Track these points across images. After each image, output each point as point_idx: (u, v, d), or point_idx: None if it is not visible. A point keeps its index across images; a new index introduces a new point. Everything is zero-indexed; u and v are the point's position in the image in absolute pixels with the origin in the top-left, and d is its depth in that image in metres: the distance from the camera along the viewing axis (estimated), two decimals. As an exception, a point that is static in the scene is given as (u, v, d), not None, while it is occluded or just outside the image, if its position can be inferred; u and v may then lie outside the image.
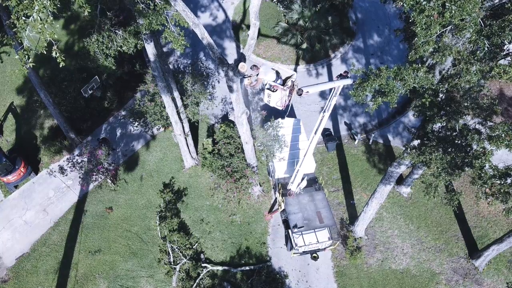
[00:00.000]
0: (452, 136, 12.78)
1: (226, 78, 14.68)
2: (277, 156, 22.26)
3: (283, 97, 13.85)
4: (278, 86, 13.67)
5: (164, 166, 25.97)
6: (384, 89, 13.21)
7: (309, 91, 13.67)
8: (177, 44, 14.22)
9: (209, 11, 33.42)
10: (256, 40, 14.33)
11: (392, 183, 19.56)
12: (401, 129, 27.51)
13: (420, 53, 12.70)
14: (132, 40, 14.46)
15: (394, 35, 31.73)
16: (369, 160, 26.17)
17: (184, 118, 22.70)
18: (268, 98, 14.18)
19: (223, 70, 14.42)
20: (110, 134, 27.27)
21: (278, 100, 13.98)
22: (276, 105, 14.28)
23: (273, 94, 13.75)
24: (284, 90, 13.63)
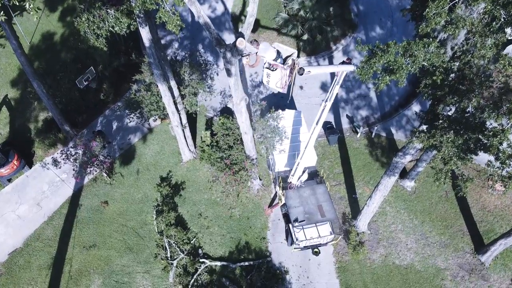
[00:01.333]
0: (465, 118, 11.99)
1: (224, 60, 13.89)
2: (277, 148, 21.47)
3: (284, 76, 13.04)
4: (278, 64, 12.86)
5: (161, 160, 25.19)
6: (392, 66, 12.41)
7: (311, 71, 12.90)
8: (172, 24, 13.41)
9: (208, 3, 32.64)
10: (255, 18, 13.43)
11: (397, 174, 18.77)
12: (404, 122, 26.73)
13: (432, 26, 11.92)
14: (125, 20, 13.66)
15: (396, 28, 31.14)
16: (372, 154, 25.38)
17: (181, 109, 21.92)
18: (267, 78, 13.37)
19: (221, 51, 13.62)
20: (106, 127, 26.48)
21: (278, 80, 13.18)
22: (276, 86, 13.49)
23: (273, 73, 12.94)
24: (284, 69, 12.83)
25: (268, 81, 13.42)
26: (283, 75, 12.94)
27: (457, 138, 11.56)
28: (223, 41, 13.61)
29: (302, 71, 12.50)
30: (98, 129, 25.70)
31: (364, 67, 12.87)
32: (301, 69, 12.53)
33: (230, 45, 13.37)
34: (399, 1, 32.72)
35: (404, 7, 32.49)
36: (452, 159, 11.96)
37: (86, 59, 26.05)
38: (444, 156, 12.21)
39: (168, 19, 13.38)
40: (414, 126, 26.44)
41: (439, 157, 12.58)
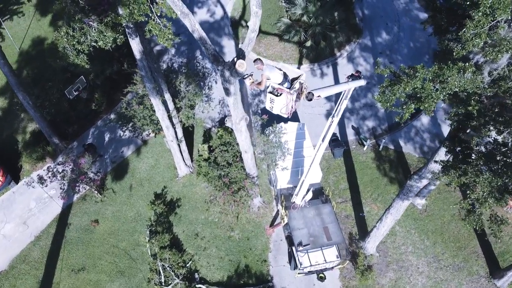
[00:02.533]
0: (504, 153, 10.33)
1: (222, 79, 12.23)
2: (279, 165, 19.80)
3: (289, 102, 11.40)
4: (283, 89, 11.23)
5: (155, 174, 23.49)
6: (420, 93, 10.72)
7: (321, 95, 11.22)
8: (163, 38, 11.77)
9: (206, 6, 30.94)
10: (257, 33, 11.82)
11: (411, 198, 17.08)
12: (413, 134, 25.05)
13: (469, 48, 10.24)
14: (109, 34, 12.01)
15: (403, 33, 29.45)
16: (380, 168, 23.70)
17: (176, 123, 20.23)
18: (270, 104, 11.70)
19: (218, 69, 11.95)
20: (98, 139, 24.78)
21: (283, 107, 11.52)
22: (281, 113, 11.84)
23: (277, 99, 11.30)
24: (290, 94, 11.19)
25: (272, 107, 11.75)
26: (289, 100, 11.31)
27: (496, 179, 9.90)
28: (221, 57, 11.93)
29: (311, 97, 10.85)
30: (88, 142, 23.99)
31: (385, 93, 11.15)
32: (310, 94, 10.87)
33: (229, 63, 11.70)
34: (405, 5, 31.05)
35: (411, 11, 31.04)
36: (488, 200, 10.31)
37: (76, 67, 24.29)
38: (478, 197, 10.55)
39: (159, 32, 11.73)
40: (423, 139, 24.83)
41: (472, 197, 10.90)
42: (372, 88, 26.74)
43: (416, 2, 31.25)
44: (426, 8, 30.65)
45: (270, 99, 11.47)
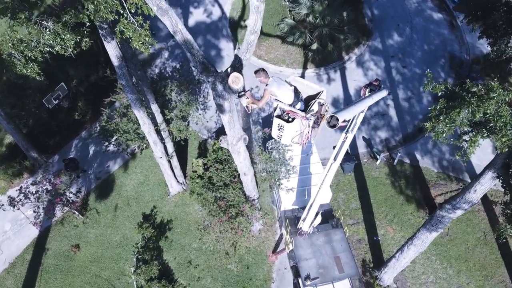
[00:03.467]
0: None
1: (214, 93, 9.56)
2: (283, 187, 17.13)
3: (304, 129, 8.66)
4: (296, 112, 8.50)
5: (144, 192, 20.80)
6: (493, 121, 8.02)
7: (346, 119, 8.55)
8: (138, 41, 9.11)
9: (203, 6, 28.28)
10: (258, 35, 9.08)
11: (440, 229, 14.32)
12: (430, 146, 22.35)
13: None
14: (68, 37, 9.36)
15: (416, 35, 26.78)
16: (395, 185, 21.01)
17: (166, 137, 17.56)
18: (278, 132, 8.90)
19: (209, 81, 9.30)
20: (81, 152, 22.11)
21: (296, 135, 8.79)
22: (292, 142, 9.13)
23: (288, 126, 8.54)
24: (306, 119, 8.46)
25: (280, 136, 8.92)
26: (304, 127, 8.56)
27: None
28: (212, 66, 9.25)
29: (335, 122, 8.12)
30: (69, 157, 21.30)
31: (439, 120, 8.43)
32: (334, 119, 8.13)
33: (222, 74, 9.01)
34: (418, 5, 28.39)
35: (424, 11, 28.35)
36: None
37: (57, 72, 21.62)
38: None
39: (133, 34, 9.06)
40: (442, 152, 22.13)
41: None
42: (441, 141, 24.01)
43: (430, 1, 28.62)
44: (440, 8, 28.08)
45: (278, 125, 8.66)
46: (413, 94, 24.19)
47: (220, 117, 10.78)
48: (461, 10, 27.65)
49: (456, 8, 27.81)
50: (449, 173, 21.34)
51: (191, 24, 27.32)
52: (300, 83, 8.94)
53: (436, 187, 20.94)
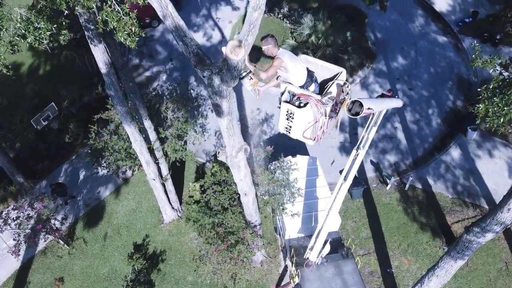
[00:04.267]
0: None
1: (210, 90, 8.10)
2: (288, 210, 15.42)
3: (320, 118, 7.07)
4: (310, 95, 6.94)
5: (136, 220, 19.01)
6: None
7: (373, 108, 7.07)
8: (123, 32, 7.77)
9: (203, 30, 27.50)
10: (262, 12, 7.40)
11: (467, 257, 12.51)
12: (443, 170, 20.73)
13: None
14: (44, 26, 7.96)
15: (422, 57, 25.81)
16: (407, 212, 19.25)
17: (160, 157, 16.02)
18: (286, 122, 7.30)
19: (204, 76, 7.89)
20: (71, 177, 20.49)
21: (309, 127, 7.22)
22: (304, 137, 7.56)
23: (300, 113, 6.93)
24: (322, 104, 6.89)
25: (289, 128, 7.31)
26: (320, 115, 6.98)
27: None
28: (207, 58, 7.88)
29: (359, 109, 6.60)
30: (57, 181, 19.66)
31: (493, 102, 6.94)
32: (357, 105, 6.60)
33: (219, 64, 7.60)
34: (421, 28, 27.60)
35: (428, 34, 27.53)
36: None
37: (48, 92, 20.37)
38: None
39: (118, 24, 7.72)
40: (455, 176, 20.49)
41: None
42: (392, 118, 22.74)
43: (433, 25, 27.85)
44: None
45: (287, 113, 7.07)
46: (422, 117, 22.86)
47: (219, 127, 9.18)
48: (466, 33, 26.90)
49: (461, 31, 27.02)
50: (465, 199, 19.64)
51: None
52: (313, 63, 7.46)
53: (452, 214, 19.19)
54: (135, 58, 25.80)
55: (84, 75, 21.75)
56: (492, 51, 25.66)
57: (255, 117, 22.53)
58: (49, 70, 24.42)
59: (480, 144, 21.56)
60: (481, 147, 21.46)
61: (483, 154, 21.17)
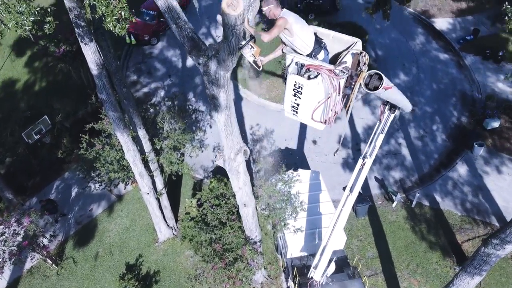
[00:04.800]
0: None
1: (206, 79, 7.29)
2: (290, 226, 14.41)
3: (333, 93, 6.17)
4: (321, 65, 6.04)
5: (129, 239, 17.90)
6: None
7: (392, 89, 6.27)
8: (112, 17, 7.07)
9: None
10: None
11: (484, 273, 11.48)
12: (450, 187, 19.80)
13: None
14: (26, 10, 7.20)
15: (424, 74, 25.35)
16: (415, 230, 18.19)
17: (155, 169, 15.12)
18: (294, 100, 6.37)
19: (199, 62, 7.13)
20: (62, 194, 19.50)
21: (319, 106, 6.35)
22: (313, 120, 6.70)
23: (310, 85, 5.99)
24: (335, 76, 6.02)
25: (296, 107, 6.38)
26: (333, 89, 6.08)
27: None
28: (203, 43, 7.14)
29: (378, 83, 5.80)
30: (47, 198, 18.67)
31: None
32: (376, 78, 5.80)
33: (216, 46, 6.84)
34: (422, 46, 27.27)
35: (429, 51, 27.18)
36: None
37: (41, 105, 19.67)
38: None
39: (106, 8, 7.04)
40: (463, 193, 19.54)
41: None
42: (395, 134, 21.99)
43: (434, 43, 27.54)
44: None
45: (295, 87, 6.17)
46: (426, 133, 22.12)
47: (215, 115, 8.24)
48: (468, 51, 26.55)
49: (462, 49, 26.68)
50: (475, 216, 18.63)
51: (189, 64, 25.98)
52: (323, 34, 6.63)
53: (462, 232, 18.13)
54: (133, 74, 25.29)
55: (79, 90, 21.13)
56: (495, 68, 25.28)
57: (254, 132, 21.76)
58: (45, 86, 23.84)
59: (487, 160, 20.73)
60: (488, 163, 20.62)
61: (491, 171, 20.31)
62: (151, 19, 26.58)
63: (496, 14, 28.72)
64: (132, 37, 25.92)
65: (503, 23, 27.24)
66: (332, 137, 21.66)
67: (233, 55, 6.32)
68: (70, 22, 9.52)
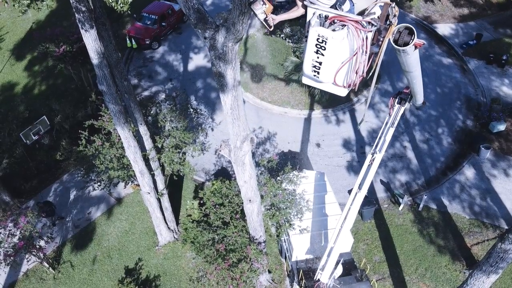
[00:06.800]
0: None
1: (213, 54, 6.84)
2: (295, 226, 13.87)
3: (361, 48, 5.50)
4: (347, 16, 5.33)
5: (129, 242, 17.31)
6: None
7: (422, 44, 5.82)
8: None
9: (204, 52, 26.85)
10: None
11: (501, 270, 10.94)
12: (458, 190, 19.30)
13: None
14: None
15: (427, 78, 25.05)
16: (423, 234, 17.63)
17: (156, 168, 14.63)
18: (316, 58, 5.55)
19: (205, 36, 6.72)
20: (60, 197, 18.96)
21: (345, 63, 5.73)
22: (335, 83, 6.11)
23: (336, 38, 5.30)
24: (363, 29, 5.45)
25: (318, 66, 5.68)
26: (361, 43, 5.49)
27: None
28: (209, 16, 6.72)
29: (408, 38, 5.34)
30: (45, 200, 18.12)
31: None
32: (406, 33, 5.32)
33: (223, 14, 6.54)
34: (425, 51, 27.02)
35: (432, 56, 26.96)
36: None
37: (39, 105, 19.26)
38: None
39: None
40: (471, 196, 19.04)
41: None
42: (400, 137, 21.57)
43: (437, 47, 27.35)
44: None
45: (318, 41, 5.44)
46: (431, 136, 21.72)
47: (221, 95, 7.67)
48: (471, 55, 26.32)
49: (465, 54, 26.46)
50: (483, 220, 18.11)
51: (191, 68, 25.72)
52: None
53: (471, 236, 17.58)
54: (134, 78, 24.97)
55: (79, 92, 20.80)
56: (499, 72, 25.02)
57: (257, 135, 21.34)
58: (44, 89, 23.50)
59: (494, 163, 20.29)
60: (495, 166, 20.17)
61: (499, 174, 19.87)
62: (153, 23, 26.40)
63: (499, 20, 28.65)
64: (133, 41, 25.68)
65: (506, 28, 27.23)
66: (336, 139, 21.26)
67: (244, 15, 5.87)
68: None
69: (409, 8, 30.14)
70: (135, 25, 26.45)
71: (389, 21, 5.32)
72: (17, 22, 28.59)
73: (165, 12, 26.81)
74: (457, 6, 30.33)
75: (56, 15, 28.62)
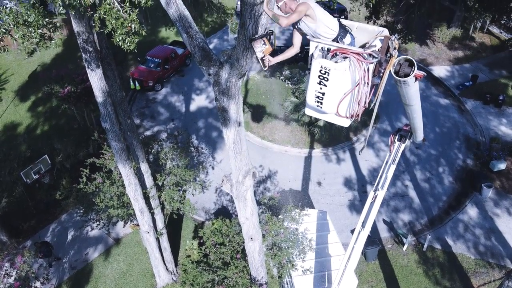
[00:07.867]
0: None
1: (217, 89, 6.96)
2: (298, 267, 13.53)
3: (363, 79, 5.59)
4: (349, 49, 5.44)
5: (126, 284, 16.80)
6: None
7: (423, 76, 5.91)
8: (122, 29, 6.96)
9: (205, 93, 27.38)
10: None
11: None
12: (462, 230, 19.01)
13: None
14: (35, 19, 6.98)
15: (426, 118, 25.37)
16: (428, 275, 17.17)
17: (156, 207, 14.49)
18: (319, 89, 5.65)
19: (210, 73, 6.88)
20: (58, 237, 18.62)
21: (345, 97, 5.83)
22: (338, 114, 6.17)
23: (338, 69, 5.43)
24: (364, 61, 5.55)
25: (321, 96, 5.80)
26: (362, 76, 5.61)
27: None
28: (213, 53, 6.94)
29: (408, 70, 5.45)
30: (42, 240, 17.79)
31: None
32: (406, 65, 5.44)
33: (228, 52, 6.72)
34: (422, 92, 27.54)
35: (429, 97, 27.47)
36: None
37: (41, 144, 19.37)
38: None
39: (116, 22, 6.96)
40: (476, 236, 18.74)
41: None
42: (401, 176, 21.53)
43: (434, 88, 27.95)
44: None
45: (321, 72, 5.58)
46: (432, 175, 21.68)
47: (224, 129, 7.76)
48: (468, 96, 26.82)
49: (462, 94, 26.97)
50: (489, 260, 17.71)
51: (192, 109, 26.12)
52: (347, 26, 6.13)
53: (477, 276, 17.12)
54: (136, 118, 25.27)
55: (81, 132, 20.99)
56: (496, 112, 25.39)
57: (258, 173, 21.29)
58: (47, 129, 23.74)
59: (497, 202, 20.14)
60: (498, 205, 20.01)
61: (502, 213, 19.66)
62: (156, 66, 27.10)
63: (494, 61, 29.44)
64: (136, 83, 26.24)
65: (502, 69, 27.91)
66: (337, 178, 21.20)
67: (247, 51, 6.06)
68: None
69: (405, 51, 31.04)
70: (138, 68, 27.14)
71: (389, 54, 5.49)
72: (23, 65, 29.33)
73: (168, 56, 27.59)
74: (451, 49, 31.28)
75: (61, 58, 29.46)
